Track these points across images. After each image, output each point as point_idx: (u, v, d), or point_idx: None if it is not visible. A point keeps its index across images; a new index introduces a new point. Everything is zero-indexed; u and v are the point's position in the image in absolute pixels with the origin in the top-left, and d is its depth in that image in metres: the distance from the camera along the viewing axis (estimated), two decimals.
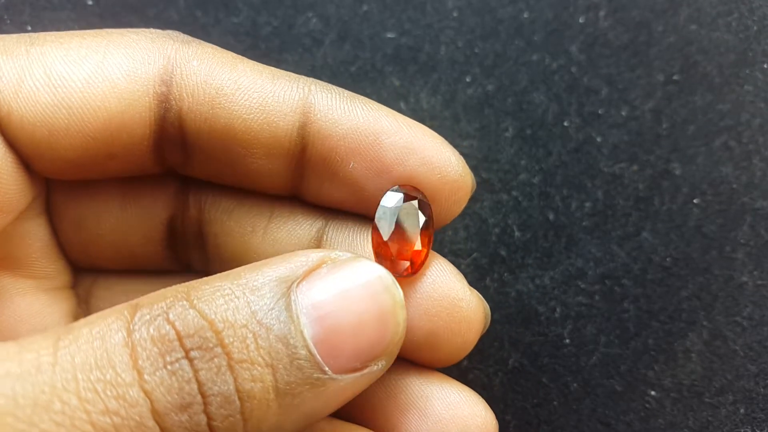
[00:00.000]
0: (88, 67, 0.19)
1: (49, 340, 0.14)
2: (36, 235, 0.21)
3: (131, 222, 0.22)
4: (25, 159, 0.19)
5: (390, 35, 0.31)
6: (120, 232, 0.22)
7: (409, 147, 0.19)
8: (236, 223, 0.21)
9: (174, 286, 0.16)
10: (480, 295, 0.21)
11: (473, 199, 0.30)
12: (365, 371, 0.17)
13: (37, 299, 0.21)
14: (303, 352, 0.16)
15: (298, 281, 0.16)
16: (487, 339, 0.21)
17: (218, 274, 0.17)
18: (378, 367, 0.17)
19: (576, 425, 0.28)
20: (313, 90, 0.20)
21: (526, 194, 0.29)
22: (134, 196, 0.22)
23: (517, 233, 0.29)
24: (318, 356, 0.16)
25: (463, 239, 0.29)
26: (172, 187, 0.22)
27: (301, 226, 0.21)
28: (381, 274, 0.17)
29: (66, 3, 0.31)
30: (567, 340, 0.28)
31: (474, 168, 0.30)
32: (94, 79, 0.18)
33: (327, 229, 0.21)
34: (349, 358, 0.16)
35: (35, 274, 0.21)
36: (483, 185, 0.30)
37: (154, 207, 0.22)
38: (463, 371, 0.28)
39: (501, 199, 0.30)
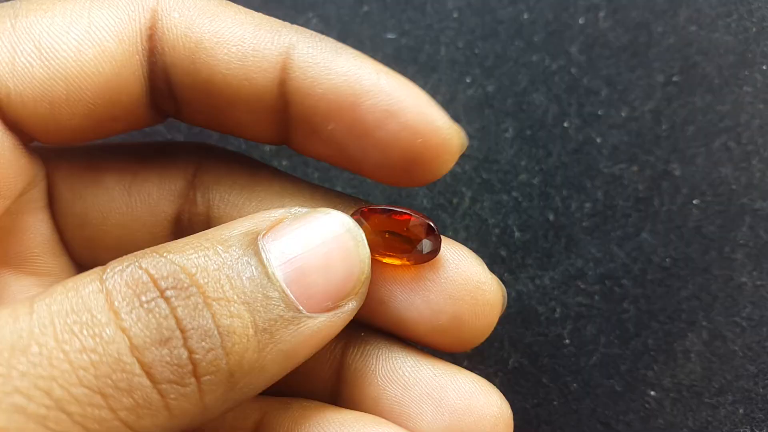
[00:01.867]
0: (76, 34, 0.18)
1: (26, 300, 0.15)
2: (38, 231, 0.21)
3: (136, 218, 0.22)
4: (29, 134, 0.19)
5: (390, 36, 0.31)
6: (125, 228, 0.22)
7: (389, 110, 0.19)
8: None
9: (143, 249, 0.16)
10: (497, 278, 0.21)
11: (473, 200, 0.30)
12: (338, 311, 0.17)
13: None
14: (277, 292, 0.16)
15: (263, 233, 0.17)
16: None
17: (185, 237, 0.17)
18: (349, 307, 0.18)
19: (576, 425, 0.28)
20: (296, 41, 0.19)
21: (526, 195, 0.30)
22: (140, 191, 0.22)
23: (517, 233, 0.29)
24: (292, 296, 0.16)
25: (463, 239, 0.29)
26: (178, 183, 0.22)
27: None
28: (341, 219, 0.18)
29: None
30: (567, 340, 0.28)
31: (474, 169, 0.30)
32: (84, 45, 0.18)
33: None
34: (321, 297, 0.17)
35: (37, 271, 0.21)
36: (483, 186, 0.30)
37: (159, 203, 0.22)
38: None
39: (501, 199, 0.30)
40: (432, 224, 0.20)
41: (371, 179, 0.21)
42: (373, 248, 0.19)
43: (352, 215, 0.19)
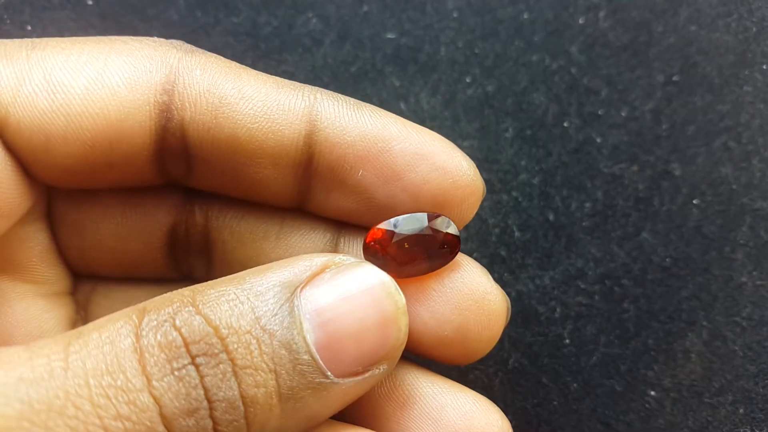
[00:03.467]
0: (89, 74, 0.18)
1: (60, 345, 0.15)
2: (35, 240, 0.21)
3: (131, 228, 0.21)
4: (24, 165, 0.19)
5: (390, 35, 0.31)
6: (120, 238, 0.21)
7: (419, 153, 0.19)
8: (247, 229, 0.21)
9: (180, 290, 0.16)
10: (502, 289, 0.21)
11: None
12: (367, 375, 0.17)
13: (35, 304, 0.21)
14: (306, 357, 0.16)
15: (301, 286, 0.17)
16: None
17: (223, 278, 0.17)
18: (380, 371, 0.17)
19: (576, 425, 0.28)
20: (319, 98, 0.20)
21: (526, 194, 0.30)
22: (135, 202, 0.21)
23: (517, 233, 0.29)
24: (320, 361, 0.16)
25: (463, 239, 0.29)
26: (175, 194, 0.22)
27: (315, 231, 0.21)
28: (384, 279, 0.17)
29: (66, 3, 0.31)
30: (567, 340, 0.28)
31: None
32: (94, 86, 0.18)
33: (342, 232, 0.21)
34: (351, 363, 0.17)
35: (34, 279, 0.21)
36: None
37: (155, 214, 0.22)
38: (463, 371, 0.28)
39: (501, 199, 0.30)
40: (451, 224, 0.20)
41: None
42: (395, 265, 0.19)
43: (366, 242, 0.19)
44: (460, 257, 0.21)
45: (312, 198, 0.21)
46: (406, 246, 0.19)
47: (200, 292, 0.16)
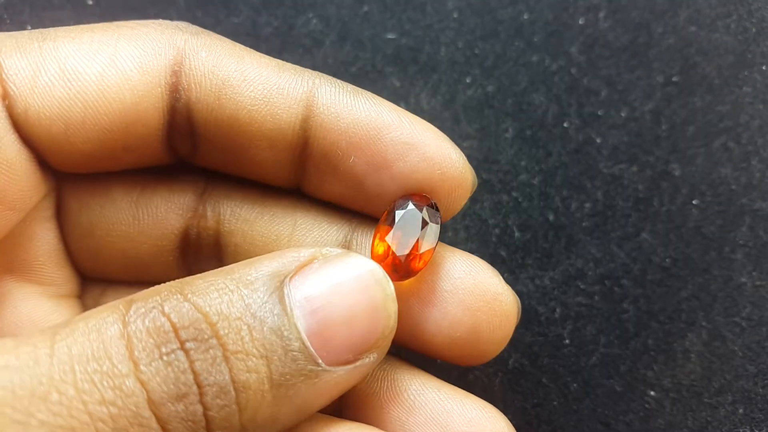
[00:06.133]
0: (101, 61, 0.19)
1: (47, 334, 0.15)
2: (44, 240, 0.21)
3: (143, 231, 0.22)
4: (43, 154, 0.19)
5: (390, 36, 0.31)
6: (131, 241, 0.22)
7: (409, 143, 0.19)
8: (259, 233, 0.21)
9: (168, 282, 0.16)
10: (512, 289, 0.21)
11: (473, 200, 0.30)
12: (357, 364, 0.17)
13: (41, 305, 0.21)
14: (297, 344, 0.16)
15: (290, 276, 0.17)
16: None
17: (212, 270, 0.17)
18: (370, 360, 0.17)
19: (576, 425, 0.28)
20: (318, 83, 0.20)
21: (526, 195, 0.30)
22: (147, 205, 0.22)
23: (517, 234, 0.29)
24: (311, 348, 0.16)
25: (463, 239, 0.29)
26: (187, 197, 0.22)
27: (327, 233, 0.21)
28: (372, 268, 0.18)
29: (66, 3, 0.31)
30: (567, 340, 0.28)
31: (474, 169, 0.30)
32: (108, 72, 0.19)
33: (353, 235, 0.21)
34: (341, 351, 0.17)
35: (41, 280, 0.21)
36: (483, 186, 0.30)
37: (167, 217, 0.22)
38: (463, 372, 0.28)
39: (501, 199, 0.30)
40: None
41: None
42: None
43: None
44: (470, 258, 0.21)
45: (307, 179, 0.21)
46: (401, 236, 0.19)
47: (188, 283, 0.16)
